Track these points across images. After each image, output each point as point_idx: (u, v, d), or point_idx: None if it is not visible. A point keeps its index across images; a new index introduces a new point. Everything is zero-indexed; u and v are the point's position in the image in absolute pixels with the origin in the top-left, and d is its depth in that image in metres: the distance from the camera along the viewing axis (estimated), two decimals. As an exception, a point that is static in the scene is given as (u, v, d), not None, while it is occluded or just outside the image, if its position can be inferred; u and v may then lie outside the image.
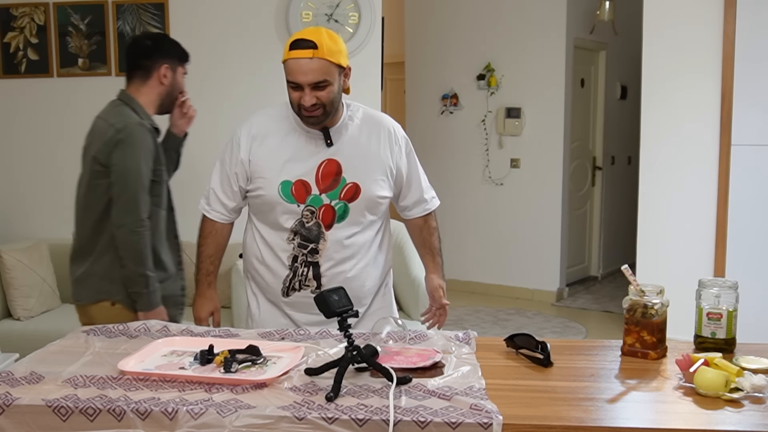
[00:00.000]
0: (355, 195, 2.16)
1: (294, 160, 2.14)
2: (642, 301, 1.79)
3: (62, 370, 1.63)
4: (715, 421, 1.40)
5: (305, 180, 2.13)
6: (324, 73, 2.04)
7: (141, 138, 2.39)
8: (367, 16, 4.28)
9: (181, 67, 2.53)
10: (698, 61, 4.07)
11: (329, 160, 2.14)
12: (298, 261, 2.17)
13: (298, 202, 2.13)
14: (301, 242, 2.16)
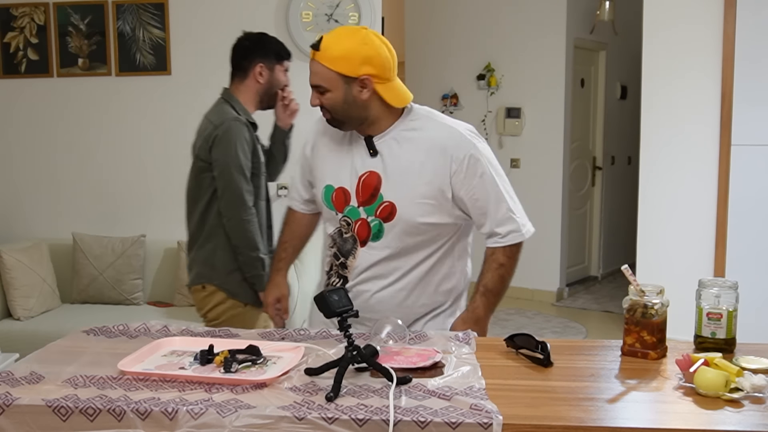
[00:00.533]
0: (390, 215, 1.96)
1: (341, 166, 2.03)
2: (642, 301, 1.79)
3: (62, 370, 1.63)
4: (715, 421, 1.40)
5: (346, 189, 2.01)
6: (321, 79, 1.95)
7: (237, 132, 2.52)
8: (367, 16, 4.28)
9: (279, 64, 2.64)
10: (698, 61, 4.07)
11: (371, 172, 1.97)
12: (333, 270, 2.09)
13: (336, 210, 2.03)
14: (336, 252, 2.07)
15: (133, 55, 4.45)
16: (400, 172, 1.96)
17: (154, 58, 4.44)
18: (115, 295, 4.19)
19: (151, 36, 4.43)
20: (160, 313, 4.04)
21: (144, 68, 4.45)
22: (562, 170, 6.18)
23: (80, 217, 4.53)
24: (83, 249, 4.22)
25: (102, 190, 4.57)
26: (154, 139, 4.45)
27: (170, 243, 4.25)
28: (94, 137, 4.55)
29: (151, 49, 4.43)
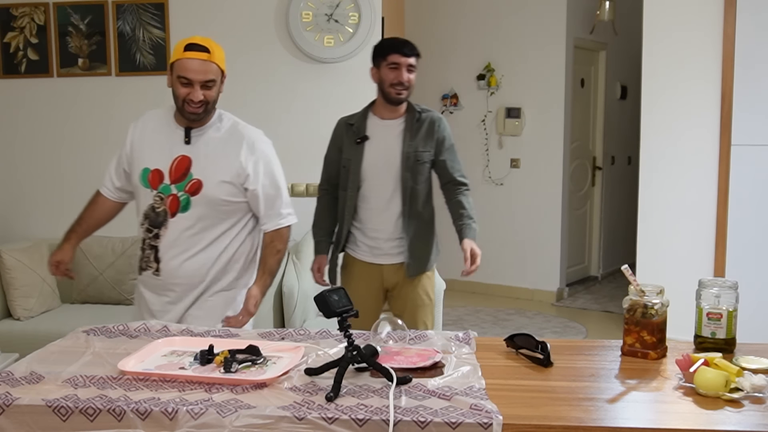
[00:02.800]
0: (197, 190, 2.40)
1: (159, 152, 2.43)
2: (642, 301, 1.79)
3: (62, 370, 1.63)
4: (715, 421, 1.40)
5: (161, 170, 2.41)
6: (214, 74, 2.37)
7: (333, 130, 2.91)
8: (367, 16, 4.28)
9: (383, 60, 2.75)
10: (698, 61, 4.07)
11: (183, 156, 2.41)
12: (145, 243, 2.46)
13: (151, 187, 2.41)
14: (148, 226, 2.44)
15: (133, 55, 4.45)
16: (210, 156, 2.42)
17: (154, 58, 4.44)
18: (115, 295, 4.19)
19: (151, 36, 4.43)
20: (160, 313, 4.03)
21: (144, 68, 4.45)
22: (562, 170, 6.18)
23: (80, 217, 4.52)
24: (83, 249, 4.21)
25: (102, 190, 4.57)
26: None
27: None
28: (94, 137, 4.54)
29: (151, 49, 4.43)
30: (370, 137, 2.80)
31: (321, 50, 4.31)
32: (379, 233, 2.82)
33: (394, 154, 2.77)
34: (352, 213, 2.83)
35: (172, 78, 2.39)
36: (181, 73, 2.34)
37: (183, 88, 2.35)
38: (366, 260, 2.87)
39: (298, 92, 4.42)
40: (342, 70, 4.39)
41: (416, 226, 2.82)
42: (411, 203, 2.79)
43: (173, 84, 2.39)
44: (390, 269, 2.85)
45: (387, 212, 2.80)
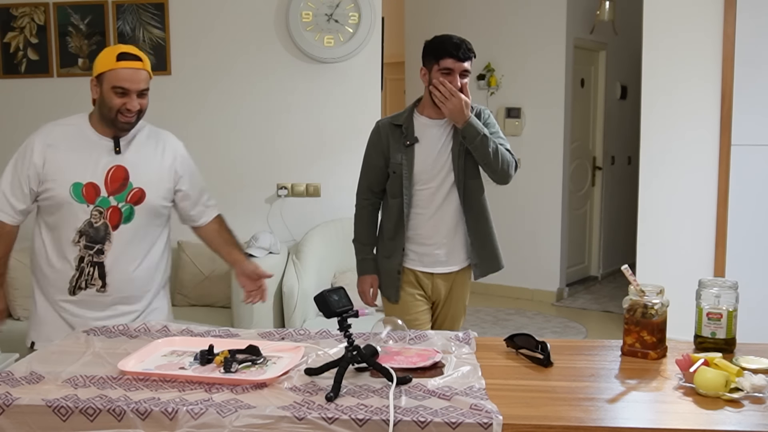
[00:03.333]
0: (140, 199, 2.37)
1: (86, 165, 2.33)
2: (642, 301, 1.79)
3: (62, 370, 1.63)
4: (715, 421, 1.40)
5: (95, 183, 2.32)
6: (147, 82, 2.34)
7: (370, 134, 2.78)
8: (367, 16, 4.28)
9: (435, 64, 2.64)
10: (698, 61, 4.07)
11: (117, 166, 2.35)
12: (85, 261, 2.35)
13: (87, 202, 2.32)
14: (87, 243, 2.34)
15: (133, 55, 4.45)
16: (145, 163, 2.41)
17: (154, 58, 4.43)
18: (115, 295, 4.19)
19: (151, 36, 4.43)
20: (160, 313, 4.04)
21: (144, 68, 4.45)
22: (562, 170, 6.18)
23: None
24: (83, 249, 4.22)
25: (102, 190, 4.57)
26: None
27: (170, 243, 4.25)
28: (94, 137, 4.54)
29: (151, 49, 4.43)
30: (420, 139, 2.67)
31: (321, 50, 4.31)
32: (431, 240, 2.68)
33: (445, 154, 2.64)
34: (406, 222, 2.67)
35: (103, 88, 2.30)
36: (117, 83, 2.27)
37: (118, 99, 2.28)
38: (417, 269, 2.71)
39: (298, 92, 4.42)
40: (342, 70, 4.39)
41: (476, 224, 2.71)
42: (469, 202, 2.68)
43: (104, 95, 2.30)
44: (440, 279, 2.72)
45: (440, 217, 2.67)
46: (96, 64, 2.34)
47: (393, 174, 2.67)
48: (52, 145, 2.37)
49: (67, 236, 2.35)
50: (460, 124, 2.57)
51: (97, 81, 2.33)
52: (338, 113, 4.44)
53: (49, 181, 2.34)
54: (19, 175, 2.37)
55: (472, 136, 2.56)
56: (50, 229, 2.40)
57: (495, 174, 2.64)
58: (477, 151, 2.58)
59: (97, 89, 2.34)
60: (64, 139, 2.38)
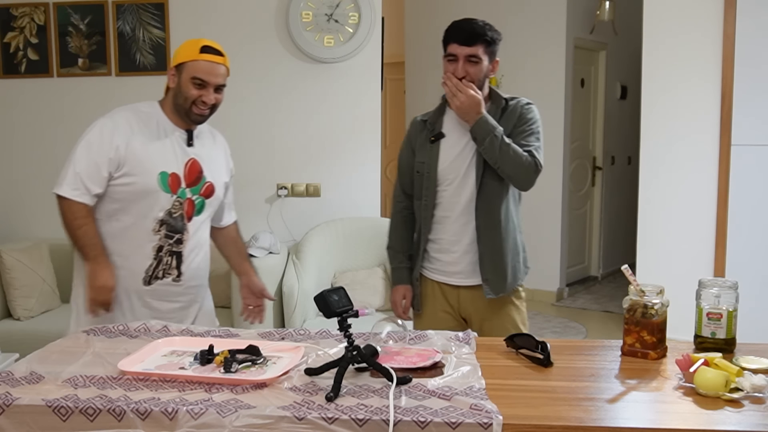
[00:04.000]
0: (211, 193, 2.44)
1: (167, 154, 2.34)
2: (642, 301, 1.79)
3: (62, 370, 1.63)
4: (715, 421, 1.40)
5: (177, 173, 2.34)
6: (224, 78, 2.36)
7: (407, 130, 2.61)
8: (367, 16, 4.28)
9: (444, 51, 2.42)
10: (698, 61, 4.07)
11: (193, 159, 2.39)
12: (164, 250, 2.35)
13: (172, 192, 2.33)
14: (167, 232, 2.34)
15: (133, 55, 4.45)
16: (211, 159, 2.45)
17: (154, 58, 4.44)
18: (115, 295, 4.19)
19: (151, 36, 4.43)
20: (160, 313, 4.04)
21: (144, 68, 4.45)
22: (562, 170, 6.18)
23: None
24: (83, 249, 4.22)
25: (102, 190, 4.57)
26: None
27: None
28: (94, 137, 4.54)
29: (151, 49, 4.43)
30: (446, 134, 2.44)
31: (321, 50, 4.31)
32: (455, 246, 2.45)
33: (470, 150, 2.40)
34: (428, 225, 2.47)
35: (181, 78, 2.31)
36: (198, 75, 2.28)
37: (196, 90, 2.29)
38: (442, 281, 2.49)
39: (298, 92, 4.42)
40: (342, 70, 4.39)
41: (493, 237, 2.42)
42: (488, 209, 2.41)
43: (183, 84, 2.31)
44: (467, 294, 2.47)
45: (464, 222, 2.43)
46: (177, 54, 2.35)
47: (417, 174, 2.48)
48: (133, 129, 2.32)
49: (146, 226, 2.31)
50: (470, 123, 2.34)
51: (176, 70, 2.34)
52: (338, 113, 4.44)
53: (131, 166, 2.28)
54: (96, 158, 2.28)
55: (481, 136, 2.32)
56: (123, 217, 2.32)
57: (509, 178, 2.39)
58: (486, 153, 2.34)
59: (175, 78, 2.34)
60: (143, 125, 2.35)
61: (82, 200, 2.31)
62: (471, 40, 2.36)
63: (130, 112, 2.37)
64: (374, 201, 4.59)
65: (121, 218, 2.32)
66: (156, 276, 2.35)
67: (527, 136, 2.39)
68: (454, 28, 2.42)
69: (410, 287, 2.56)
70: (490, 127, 2.32)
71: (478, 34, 2.37)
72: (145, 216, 2.31)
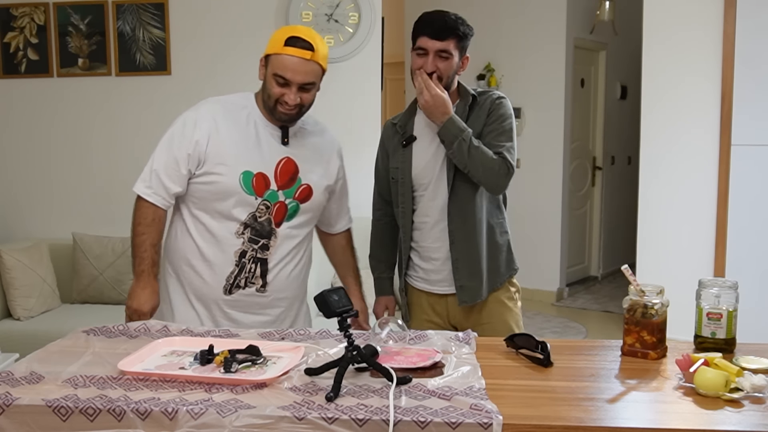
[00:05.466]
0: (308, 197, 2.20)
1: (255, 152, 2.12)
2: (642, 301, 1.79)
3: (62, 370, 1.63)
4: (715, 421, 1.40)
5: (265, 174, 2.12)
6: (315, 76, 2.10)
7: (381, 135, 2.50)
8: (367, 16, 4.28)
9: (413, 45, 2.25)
10: (698, 61, 4.07)
11: (287, 158, 2.15)
12: (247, 256, 2.13)
13: (256, 195, 2.11)
14: (252, 236, 2.12)
15: (133, 55, 4.45)
16: (313, 158, 2.22)
17: (154, 58, 4.44)
18: (115, 295, 4.19)
19: (151, 36, 4.43)
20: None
21: (144, 68, 4.45)
22: (562, 170, 6.18)
23: (80, 217, 4.53)
24: (83, 249, 4.22)
25: (102, 190, 4.57)
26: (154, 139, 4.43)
27: None
28: (94, 137, 4.55)
29: (151, 49, 4.43)
30: (418, 137, 2.33)
31: (321, 50, 4.31)
32: (436, 254, 2.34)
33: (443, 153, 2.28)
34: (409, 233, 2.37)
35: (267, 72, 2.08)
36: (279, 71, 2.03)
37: (278, 88, 2.05)
38: (427, 290, 2.40)
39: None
40: (342, 70, 4.39)
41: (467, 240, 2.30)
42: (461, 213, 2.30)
43: (267, 79, 2.08)
44: (455, 301, 2.36)
45: (442, 227, 2.32)
46: (269, 43, 2.10)
47: (392, 180, 2.38)
48: (218, 123, 2.11)
49: (229, 228, 2.11)
50: (437, 123, 2.22)
51: (264, 62, 2.11)
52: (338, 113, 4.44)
53: (212, 164, 2.09)
54: (176, 154, 2.10)
55: (448, 140, 2.19)
56: (206, 218, 2.13)
57: (480, 183, 2.26)
58: (455, 156, 2.21)
59: (263, 71, 2.12)
60: (230, 119, 2.13)
61: (154, 201, 2.13)
62: (442, 34, 2.19)
63: (217, 104, 2.17)
64: (374, 201, 4.58)
65: (202, 219, 2.14)
66: (237, 284, 2.13)
67: (498, 135, 2.25)
68: (425, 20, 2.23)
69: (392, 298, 2.50)
70: (458, 129, 2.19)
71: (450, 28, 2.20)
72: (228, 217, 2.11)
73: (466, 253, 2.31)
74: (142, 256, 2.13)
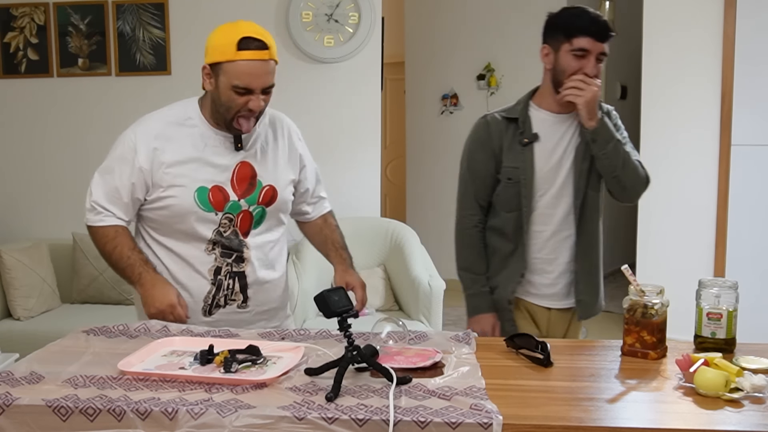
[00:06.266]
0: (272, 198, 2.04)
1: (205, 166, 1.96)
2: (642, 301, 1.79)
3: (62, 370, 1.63)
4: (715, 421, 1.40)
5: (221, 186, 1.97)
6: (274, 75, 1.94)
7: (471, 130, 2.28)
8: (367, 16, 4.28)
9: (567, 43, 2.09)
10: (698, 61, 4.08)
11: (242, 163, 1.99)
12: (222, 273, 2.00)
13: (216, 210, 1.97)
14: (223, 251, 1.99)
15: (133, 55, 4.45)
16: (270, 156, 2.04)
17: (154, 58, 4.44)
18: (115, 295, 4.19)
19: (151, 36, 4.43)
20: (160, 313, 4.04)
21: (144, 68, 4.45)
22: (562, 170, 6.18)
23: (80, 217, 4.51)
24: (83, 249, 4.22)
25: (102, 190, 4.57)
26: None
27: None
28: (94, 137, 4.55)
29: (151, 49, 4.43)
30: (541, 137, 2.17)
31: (321, 50, 4.32)
32: (551, 266, 2.24)
33: (569, 156, 2.17)
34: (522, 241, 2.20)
35: (219, 82, 1.90)
36: (238, 82, 1.85)
37: (240, 98, 1.87)
38: (532, 302, 2.28)
39: (298, 92, 4.42)
40: (342, 70, 4.39)
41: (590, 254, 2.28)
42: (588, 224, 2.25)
43: (221, 91, 1.90)
44: (558, 316, 2.30)
45: (561, 238, 2.23)
46: (211, 48, 1.93)
47: (507, 181, 2.17)
48: (160, 144, 1.94)
49: (197, 246, 1.97)
50: (592, 124, 2.09)
51: (211, 71, 1.92)
52: (338, 113, 4.45)
53: (163, 187, 1.93)
54: (116, 184, 1.95)
55: (605, 140, 2.08)
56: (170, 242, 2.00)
57: (624, 191, 2.22)
58: (608, 159, 2.11)
59: (211, 81, 1.93)
60: (172, 136, 1.96)
61: (108, 223, 1.99)
62: (605, 36, 2.07)
63: (155, 121, 2.00)
64: (374, 201, 4.59)
65: (167, 244, 2.00)
66: (217, 304, 2.01)
67: (629, 146, 2.18)
68: (588, 18, 2.08)
69: (495, 315, 2.26)
70: (612, 131, 2.10)
71: (609, 30, 2.09)
72: (193, 237, 1.97)
73: (587, 267, 2.26)
74: (129, 263, 1.97)
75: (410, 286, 3.97)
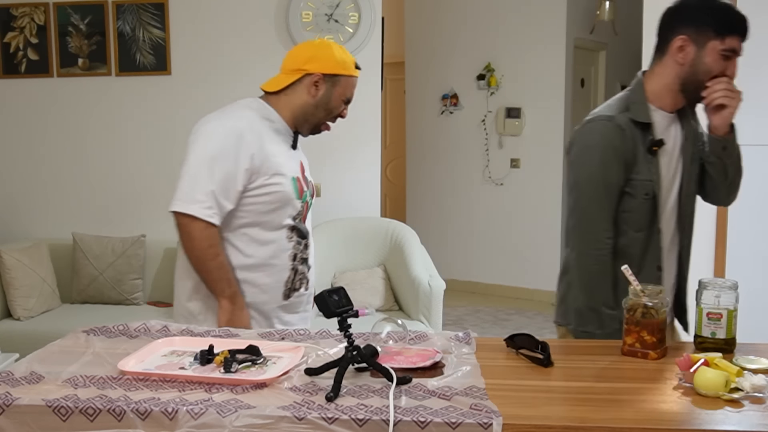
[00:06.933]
0: (316, 192, 2.39)
1: (289, 160, 2.19)
2: (642, 301, 1.79)
3: (62, 370, 1.63)
4: (715, 421, 1.40)
5: (299, 177, 2.21)
6: None
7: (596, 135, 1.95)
8: (367, 16, 4.28)
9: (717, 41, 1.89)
10: (698, 61, 4.07)
11: (300, 161, 2.27)
12: (297, 258, 2.19)
13: (299, 197, 2.19)
14: (297, 238, 2.19)
15: (133, 55, 4.45)
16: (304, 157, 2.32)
17: (154, 58, 4.44)
18: (115, 295, 4.19)
19: (151, 36, 4.43)
20: (160, 313, 4.04)
21: (144, 68, 4.45)
22: (562, 170, 6.18)
23: (80, 217, 4.53)
24: (83, 249, 4.22)
25: (102, 189, 4.57)
26: (154, 138, 4.45)
27: (170, 243, 4.26)
28: (94, 137, 4.55)
29: (151, 49, 4.43)
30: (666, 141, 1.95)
31: (321, 50, 4.31)
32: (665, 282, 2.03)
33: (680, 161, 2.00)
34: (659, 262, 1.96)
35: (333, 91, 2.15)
36: (350, 94, 2.19)
37: (343, 106, 2.21)
38: None
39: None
40: (342, 70, 4.39)
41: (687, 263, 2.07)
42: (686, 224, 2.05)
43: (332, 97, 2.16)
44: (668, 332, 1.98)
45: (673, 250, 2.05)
46: (332, 61, 2.14)
47: (644, 197, 1.91)
48: (260, 132, 2.09)
49: (281, 234, 2.13)
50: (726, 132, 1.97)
51: (326, 80, 2.14)
52: (338, 113, 4.44)
53: (268, 175, 2.07)
54: (232, 170, 2.01)
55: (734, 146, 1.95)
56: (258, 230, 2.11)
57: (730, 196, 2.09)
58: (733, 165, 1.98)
59: (319, 89, 2.14)
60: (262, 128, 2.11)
61: (216, 221, 2.03)
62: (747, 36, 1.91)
63: (248, 110, 2.11)
64: (374, 201, 4.59)
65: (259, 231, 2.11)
66: (294, 288, 2.19)
67: None
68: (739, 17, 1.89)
69: None
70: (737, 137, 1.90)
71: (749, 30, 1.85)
72: (279, 225, 2.13)
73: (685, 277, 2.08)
74: (229, 277, 2.07)
75: (410, 286, 3.97)
